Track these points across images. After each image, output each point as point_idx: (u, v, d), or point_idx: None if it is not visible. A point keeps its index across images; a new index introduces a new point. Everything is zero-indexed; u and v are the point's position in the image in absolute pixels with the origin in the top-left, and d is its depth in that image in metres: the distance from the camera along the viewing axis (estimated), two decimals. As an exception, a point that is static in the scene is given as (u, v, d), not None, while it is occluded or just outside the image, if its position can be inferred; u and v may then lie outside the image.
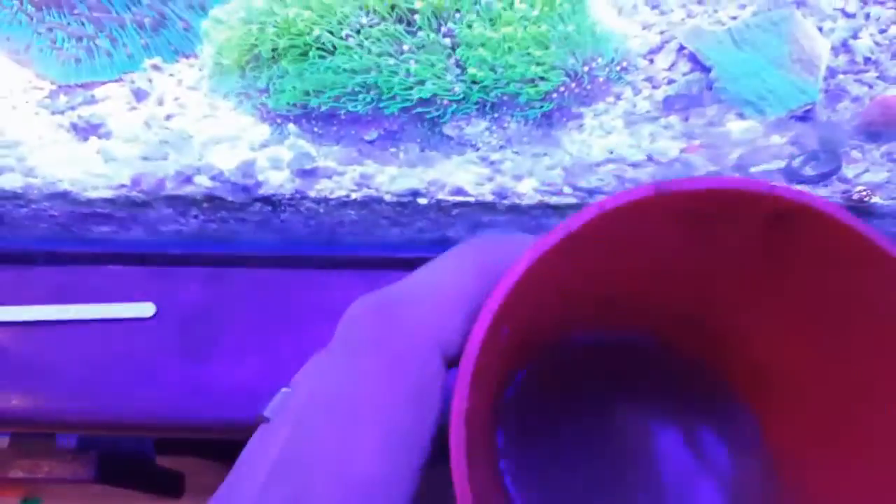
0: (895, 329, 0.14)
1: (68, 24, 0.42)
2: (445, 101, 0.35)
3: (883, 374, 0.15)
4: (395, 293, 0.15)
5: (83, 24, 0.41)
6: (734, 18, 0.36)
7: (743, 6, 0.36)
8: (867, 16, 0.35)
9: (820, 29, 0.36)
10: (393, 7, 0.34)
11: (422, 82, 0.35)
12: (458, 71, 0.34)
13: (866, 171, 0.36)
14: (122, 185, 0.40)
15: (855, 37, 0.35)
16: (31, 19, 0.42)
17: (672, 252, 0.16)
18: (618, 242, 0.15)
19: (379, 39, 0.34)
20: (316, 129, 0.38)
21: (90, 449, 0.71)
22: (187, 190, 0.40)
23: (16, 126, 0.41)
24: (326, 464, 0.14)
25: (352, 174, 0.38)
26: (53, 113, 0.41)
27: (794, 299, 0.16)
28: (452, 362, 0.15)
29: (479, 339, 0.13)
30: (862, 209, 0.38)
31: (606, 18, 0.36)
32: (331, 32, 0.34)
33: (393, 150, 0.38)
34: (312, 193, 0.39)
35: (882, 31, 0.35)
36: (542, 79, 0.34)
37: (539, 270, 0.14)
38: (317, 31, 0.34)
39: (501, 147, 0.36)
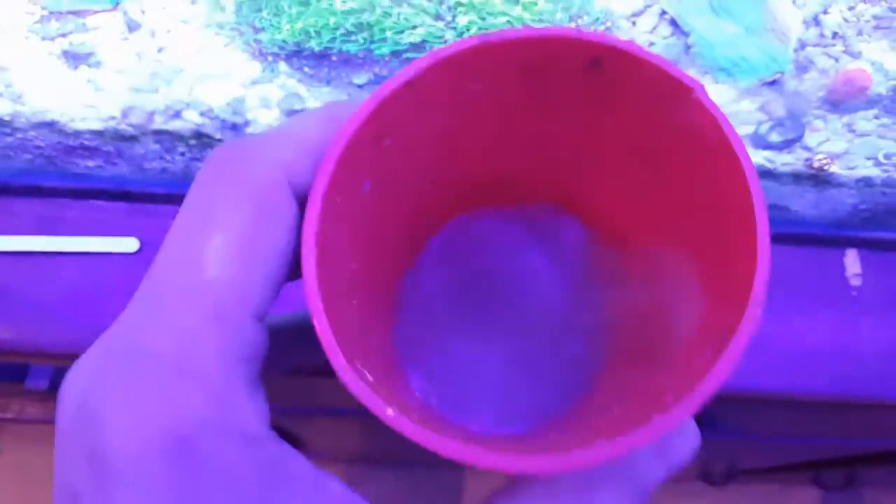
0: (699, 149, 0.16)
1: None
2: (435, 48, 0.37)
3: (693, 190, 0.17)
4: (247, 137, 0.16)
5: (77, -47, 0.41)
6: (714, -13, 0.38)
7: (723, -24, 0.38)
8: (838, -8, 0.37)
9: (793, 2, 0.37)
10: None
11: (413, 27, 0.36)
12: (449, 18, 0.36)
13: (827, 140, 0.39)
14: (112, 117, 0.41)
15: (825, 12, 0.37)
16: (24, -55, 0.42)
17: (510, 103, 0.17)
18: (459, 94, 0.16)
19: (374, -16, 0.35)
20: (307, 70, 0.39)
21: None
22: (176, 125, 0.41)
23: (4, 51, 0.41)
24: (178, 271, 0.14)
25: (340, 117, 0.39)
26: (44, 39, 0.41)
27: (620, 135, 0.18)
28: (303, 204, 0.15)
29: (330, 161, 0.14)
30: (821, 177, 0.40)
31: (594, -20, 0.37)
32: (327, -27, 0.35)
33: (381, 95, 0.39)
34: (300, 133, 0.40)
35: (850, 9, 0.37)
36: (529, 32, 0.35)
37: (386, 119, 0.15)
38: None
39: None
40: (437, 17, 0.36)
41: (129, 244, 0.46)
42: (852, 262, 0.44)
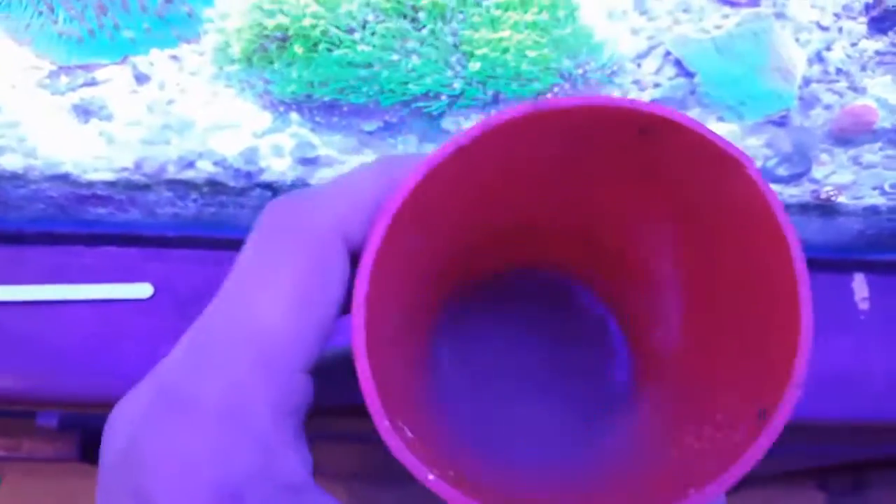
0: (745, 224, 0.16)
1: (70, 3, 0.42)
2: (443, 97, 0.37)
3: (736, 263, 0.17)
4: (303, 191, 0.16)
5: (86, 4, 0.42)
6: (718, 27, 0.38)
7: (726, 16, 0.39)
8: (840, 30, 0.38)
9: (797, 40, 0.38)
10: (398, 4, 0.36)
11: (421, 77, 0.36)
12: (458, 68, 0.36)
13: (834, 172, 0.39)
14: (125, 168, 0.41)
15: (828, 48, 0.38)
16: (31, -1, 0.42)
17: (556, 167, 0.17)
18: (507, 158, 0.17)
19: (383, 35, 0.36)
20: (317, 119, 0.39)
21: (72, 428, 0.72)
22: (189, 174, 0.41)
23: (15, 106, 0.42)
24: (232, 321, 0.15)
25: (352, 163, 0.40)
26: (54, 94, 0.42)
27: (663, 204, 0.18)
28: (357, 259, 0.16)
29: (385, 222, 0.15)
30: (829, 207, 0.41)
31: (597, 23, 0.38)
32: (337, 27, 0.36)
33: (392, 141, 0.40)
34: (313, 181, 0.40)
35: (853, 45, 0.38)
36: (537, 79, 0.35)
37: (439, 179, 0.15)
38: (323, 24, 0.35)
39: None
40: (447, 66, 0.36)
41: (143, 290, 0.46)
42: (860, 286, 0.45)
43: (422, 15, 0.35)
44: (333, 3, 0.35)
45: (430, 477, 0.14)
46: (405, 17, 0.35)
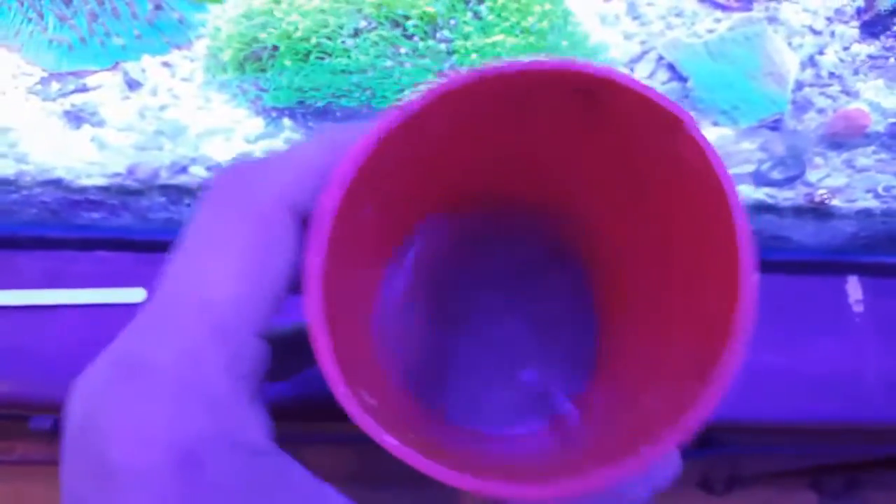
0: (687, 180, 0.16)
1: (60, 10, 0.42)
2: (434, 82, 0.37)
3: (680, 220, 0.17)
4: (249, 160, 0.16)
5: (76, 11, 0.41)
6: (710, 31, 0.38)
7: (718, 20, 0.39)
8: (832, 34, 0.38)
9: (789, 44, 0.38)
10: (388, 15, 0.36)
11: (415, 84, 0.36)
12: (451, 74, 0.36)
13: (828, 176, 0.39)
14: (117, 174, 0.41)
15: (821, 53, 0.38)
16: (22, 5, 0.42)
17: (505, 132, 0.18)
18: (456, 124, 0.17)
19: (376, 43, 0.36)
20: (310, 124, 0.39)
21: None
22: (182, 179, 0.41)
23: (6, 112, 0.42)
24: (182, 291, 0.15)
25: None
26: (45, 100, 0.42)
27: (611, 163, 0.18)
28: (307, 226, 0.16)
29: (337, 188, 0.15)
30: (823, 210, 0.41)
31: (590, 28, 0.38)
32: (328, 38, 0.36)
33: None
34: (306, 186, 0.40)
35: (845, 49, 0.38)
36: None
37: (388, 148, 0.15)
38: (314, 40, 0.35)
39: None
40: (440, 74, 0.36)
41: (136, 295, 0.46)
42: (854, 288, 0.45)
43: (413, 23, 0.35)
44: (322, 15, 0.35)
45: (388, 439, 0.14)
46: (397, 24, 0.35)
